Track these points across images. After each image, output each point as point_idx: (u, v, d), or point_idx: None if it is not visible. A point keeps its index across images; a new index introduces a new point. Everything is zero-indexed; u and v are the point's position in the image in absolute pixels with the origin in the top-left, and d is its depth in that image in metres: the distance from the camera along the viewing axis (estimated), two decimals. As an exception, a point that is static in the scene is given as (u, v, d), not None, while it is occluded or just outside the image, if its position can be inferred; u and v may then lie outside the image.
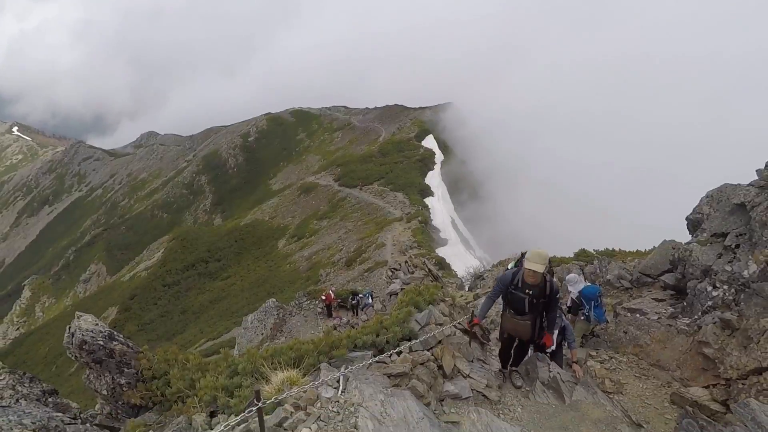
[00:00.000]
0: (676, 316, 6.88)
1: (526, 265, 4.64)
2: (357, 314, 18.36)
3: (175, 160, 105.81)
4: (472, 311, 6.90)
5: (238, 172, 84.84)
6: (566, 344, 6.07)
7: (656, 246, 9.28)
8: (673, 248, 8.20)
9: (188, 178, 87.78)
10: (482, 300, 5.44)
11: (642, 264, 9.10)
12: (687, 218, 8.46)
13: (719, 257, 6.53)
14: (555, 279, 6.15)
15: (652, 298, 7.94)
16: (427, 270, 13.69)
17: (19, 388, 5.37)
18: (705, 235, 7.24)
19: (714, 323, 5.53)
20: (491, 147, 59.95)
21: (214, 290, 40.09)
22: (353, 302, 18.68)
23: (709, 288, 6.37)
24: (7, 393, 5.21)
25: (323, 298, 19.92)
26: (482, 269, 21.87)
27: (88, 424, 5.47)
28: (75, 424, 5.37)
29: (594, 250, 14.49)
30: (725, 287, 6.06)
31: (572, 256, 14.73)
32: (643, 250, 13.14)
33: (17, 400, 5.17)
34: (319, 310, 20.62)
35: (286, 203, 52.60)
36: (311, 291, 23.30)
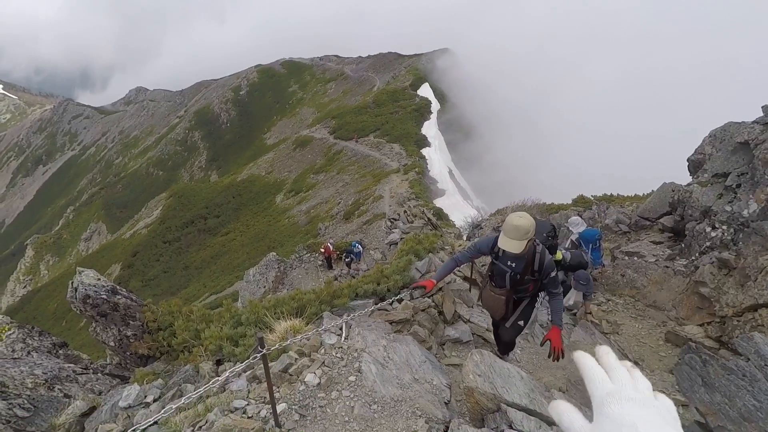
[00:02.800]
0: (674, 258, 6.94)
1: (500, 241, 3.59)
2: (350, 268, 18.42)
3: (166, 116, 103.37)
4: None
5: (232, 127, 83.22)
6: (582, 295, 6.21)
7: (655, 189, 9.22)
8: (673, 190, 8.15)
9: (181, 135, 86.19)
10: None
11: (641, 207, 9.09)
12: (688, 159, 8.36)
13: (719, 198, 6.49)
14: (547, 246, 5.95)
15: (650, 241, 7.99)
16: (426, 219, 13.72)
17: (30, 342, 5.47)
18: (706, 176, 7.16)
19: (711, 263, 5.58)
20: (487, 93, 58.64)
21: (214, 246, 40.47)
22: (347, 260, 18.71)
23: (708, 229, 6.38)
24: (18, 346, 5.31)
25: (322, 250, 20.10)
26: (480, 218, 21.98)
27: (99, 374, 5.64)
28: (86, 373, 5.53)
29: (592, 195, 14.46)
30: (724, 227, 6.07)
31: (570, 202, 14.72)
32: (642, 195, 13.11)
33: (28, 353, 5.29)
34: (320, 262, 20.88)
35: (281, 158, 51.98)
36: (311, 244, 23.50)
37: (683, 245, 7.02)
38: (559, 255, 4.72)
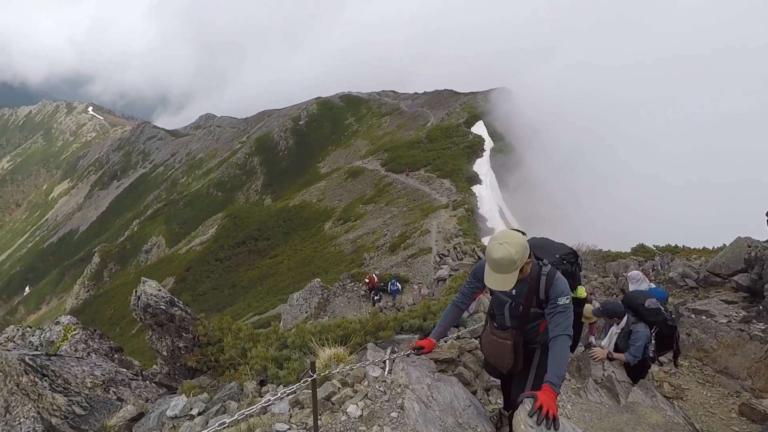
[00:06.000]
0: (750, 321, 6.34)
1: (485, 277, 2.81)
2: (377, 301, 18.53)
3: (230, 141, 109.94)
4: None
5: (289, 155, 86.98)
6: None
7: (727, 244, 8.56)
8: (749, 246, 7.53)
9: (242, 159, 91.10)
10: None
11: (711, 262, 8.45)
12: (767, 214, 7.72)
13: (806, 260, 5.91)
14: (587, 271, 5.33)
15: (721, 300, 7.36)
16: (476, 257, 13.45)
17: (91, 343, 5.81)
18: (789, 235, 6.57)
19: (796, 331, 5.04)
20: (542, 134, 57.83)
21: (262, 267, 41.66)
22: (376, 297, 18.81)
23: (792, 293, 5.79)
24: (81, 346, 5.65)
25: (366, 281, 20.13)
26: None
27: (148, 381, 5.86)
28: (137, 379, 5.76)
29: (654, 245, 13.64)
30: (811, 293, 5.49)
31: (629, 251, 13.95)
32: (711, 248, 12.20)
33: (89, 354, 5.61)
34: (362, 292, 20.90)
35: (333, 186, 53.41)
36: (355, 273, 23.63)
37: (761, 307, 6.41)
38: (581, 291, 3.45)
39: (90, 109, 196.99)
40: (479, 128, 58.46)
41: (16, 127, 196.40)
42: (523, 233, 2.85)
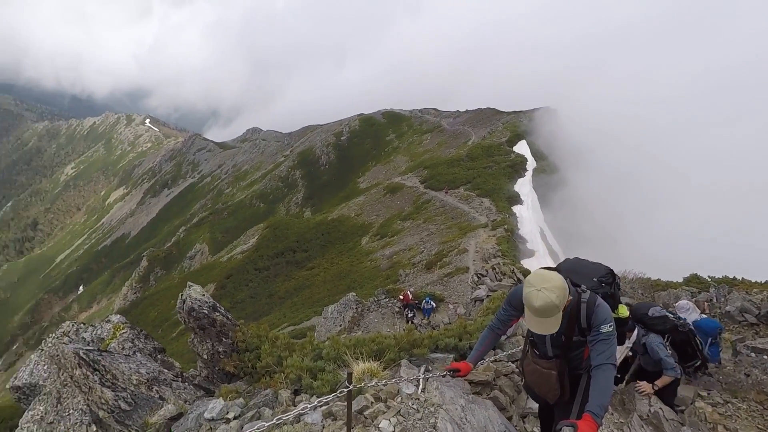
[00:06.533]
0: (819, 364, 5.81)
1: (526, 320, 2.76)
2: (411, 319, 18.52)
3: (274, 154, 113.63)
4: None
5: (329, 169, 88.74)
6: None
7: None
8: (819, 284, 6.94)
9: (284, 172, 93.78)
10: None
11: (774, 298, 7.84)
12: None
13: None
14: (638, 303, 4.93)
15: (786, 340, 6.79)
16: (515, 279, 13.13)
17: (137, 342, 6.09)
18: None
19: None
20: (588, 153, 56.01)
21: (299, 279, 42.32)
22: (410, 315, 18.77)
23: None
24: (128, 345, 5.93)
25: (401, 297, 20.07)
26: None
27: (187, 383, 6.05)
28: (177, 381, 5.96)
29: (709, 276, 12.80)
30: None
31: (681, 280, 13.16)
32: (775, 283, 11.32)
33: (134, 352, 5.87)
34: (397, 309, 20.81)
35: (371, 202, 53.87)
36: (390, 289, 23.58)
37: (832, 350, 5.86)
38: (623, 310, 3.30)
39: (147, 121, 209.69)
40: (522, 148, 57.52)
41: (81, 137, 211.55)
42: (557, 269, 2.83)
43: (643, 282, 13.47)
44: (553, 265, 3.30)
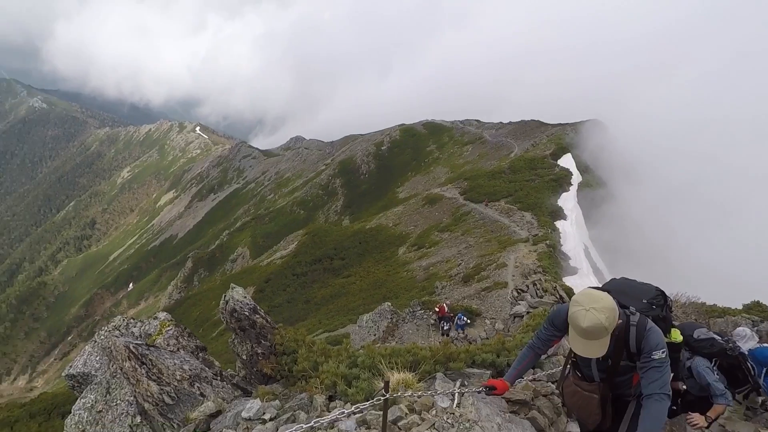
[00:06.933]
0: None
1: (571, 343, 2.61)
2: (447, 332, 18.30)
3: (315, 163, 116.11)
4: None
5: (369, 179, 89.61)
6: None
7: None
8: None
9: (324, 180, 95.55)
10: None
11: None
12: None
13: None
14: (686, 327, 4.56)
15: None
16: (558, 297, 12.69)
17: (181, 340, 6.33)
18: None
19: None
20: (640, 167, 53.42)
21: (335, 286, 42.73)
22: (445, 327, 18.50)
23: None
24: (172, 342, 6.18)
25: (437, 310, 19.84)
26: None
27: (225, 382, 6.22)
28: (216, 379, 6.14)
29: (773, 304, 11.86)
30: None
31: (741, 307, 12.26)
32: None
33: (178, 349, 6.11)
34: (432, 321, 20.59)
35: (410, 212, 53.81)
36: (426, 301, 23.37)
37: None
38: (676, 335, 3.08)
39: (197, 128, 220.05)
40: (567, 161, 55.85)
41: (137, 143, 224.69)
42: (605, 289, 2.70)
43: (697, 307, 12.64)
44: (598, 284, 3.18)
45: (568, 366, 3.13)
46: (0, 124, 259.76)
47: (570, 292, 23.10)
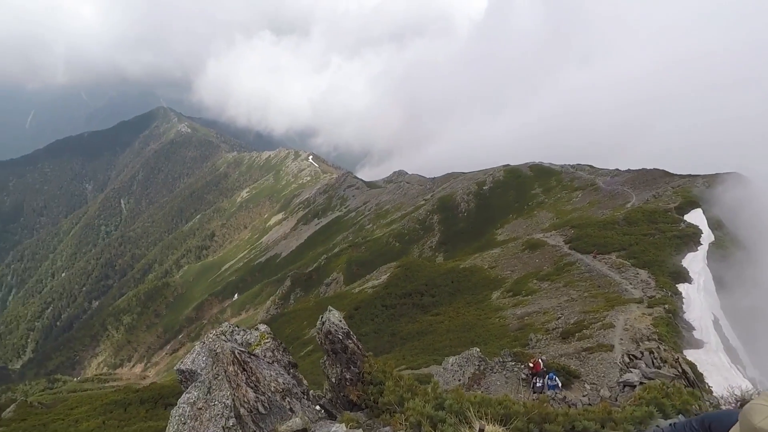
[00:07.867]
0: None
1: None
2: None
3: (415, 197, 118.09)
4: None
5: (468, 217, 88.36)
6: None
7: None
8: None
9: (422, 215, 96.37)
10: None
11: None
12: None
13: None
14: None
15: None
16: (680, 371, 11.01)
17: (276, 353, 6.65)
18: None
19: None
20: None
21: (422, 323, 42.08)
22: (538, 385, 16.93)
23: None
24: (269, 354, 6.52)
25: (531, 365, 18.39)
26: (752, 394, 16.21)
27: (311, 402, 6.35)
28: (303, 398, 6.30)
29: None
30: None
31: None
32: None
33: (273, 362, 6.42)
34: (523, 375, 19.12)
35: (507, 256, 51.59)
36: (518, 353, 21.85)
37: None
38: None
39: (310, 157, 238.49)
40: (696, 217, 49.41)
41: (258, 167, 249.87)
42: None
43: None
44: (730, 363, 2.58)
45: None
46: (155, 144, 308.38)
47: (695, 368, 19.90)
